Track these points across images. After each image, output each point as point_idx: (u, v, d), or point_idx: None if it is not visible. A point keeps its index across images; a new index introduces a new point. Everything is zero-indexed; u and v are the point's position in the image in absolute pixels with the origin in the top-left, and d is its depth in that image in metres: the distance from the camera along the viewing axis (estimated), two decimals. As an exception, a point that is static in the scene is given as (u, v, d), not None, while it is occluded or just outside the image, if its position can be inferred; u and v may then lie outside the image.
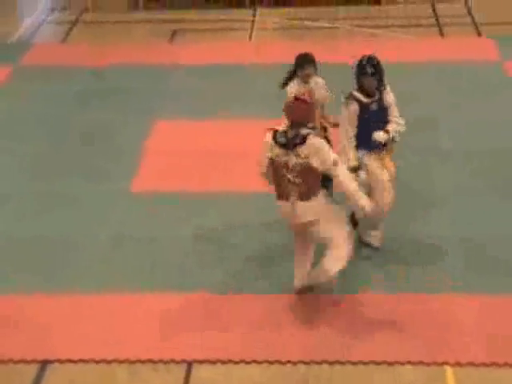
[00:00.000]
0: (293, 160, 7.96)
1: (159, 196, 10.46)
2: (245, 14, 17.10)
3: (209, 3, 17.66)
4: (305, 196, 8.06)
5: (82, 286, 8.84)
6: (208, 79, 13.82)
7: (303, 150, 7.91)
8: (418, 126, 11.06)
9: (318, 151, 7.92)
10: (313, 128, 8.27)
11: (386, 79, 9.03)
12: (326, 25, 16.30)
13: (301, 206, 8.08)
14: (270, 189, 8.30)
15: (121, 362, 7.78)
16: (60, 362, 7.80)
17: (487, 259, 9.13)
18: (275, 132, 8.07)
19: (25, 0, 18.50)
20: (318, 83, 9.51)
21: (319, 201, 8.11)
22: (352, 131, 8.99)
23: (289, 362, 7.73)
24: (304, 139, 7.92)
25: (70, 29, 16.64)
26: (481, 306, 8.39)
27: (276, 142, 8.03)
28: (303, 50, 9.66)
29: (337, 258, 8.27)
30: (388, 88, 9.07)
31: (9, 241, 9.72)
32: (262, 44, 15.42)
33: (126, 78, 13.94)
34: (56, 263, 9.27)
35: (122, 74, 14.01)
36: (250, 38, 16.00)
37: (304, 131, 7.96)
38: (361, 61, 9.05)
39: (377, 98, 9.03)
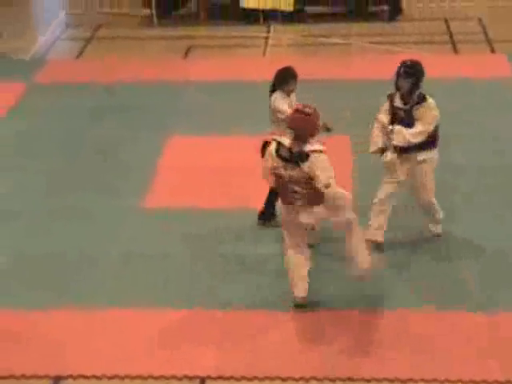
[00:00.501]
0: (297, 173, 8.07)
1: (172, 212, 10.48)
2: (259, 30, 17.13)
3: (224, 20, 17.69)
4: (311, 202, 8.21)
5: (95, 301, 8.87)
6: (221, 96, 13.85)
7: (306, 167, 8.02)
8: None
9: (317, 169, 8.00)
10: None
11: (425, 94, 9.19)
12: (340, 41, 16.32)
13: (306, 211, 8.24)
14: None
15: (133, 377, 7.80)
16: (73, 377, 7.83)
17: (502, 274, 9.14)
18: (278, 144, 8.15)
19: (40, 17, 18.67)
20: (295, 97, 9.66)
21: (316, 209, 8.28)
22: (384, 119, 9.34)
23: (301, 378, 7.72)
24: (307, 157, 8.01)
25: (85, 45, 16.71)
26: (495, 323, 8.38)
27: (278, 155, 8.11)
28: (316, 67, 9.71)
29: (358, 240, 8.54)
30: (428, 103, 9.17)
31: (21, 257, 9.75)
32: (276, 60, 15.44)
33: (139, 94, 13.98)
34: (68, 279, 9.30)
35: (136, 91, 14.06)
36: (264, 54, 16.04)
37: (307, 148, 8.02)
38: (402, 62, 9.30)
39: (408, 107, 9.17)
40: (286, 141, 8.17)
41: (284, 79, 9.61)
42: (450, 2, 18.29)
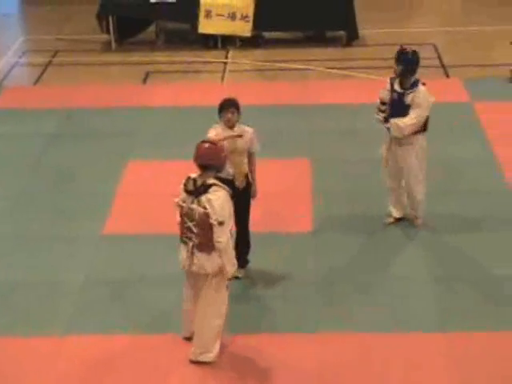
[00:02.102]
0: (196, 208, 7.93)
1: (130, 238, 10.47)
2: (217, 56, 17.18)
3: (182, 45, 17.73)
4: (203, 247, 7.99)
5: (52, 327, 8.85)
6: (180, 121, 13.87)
7: (204, 201, 7.89)
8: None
9: (212, 206, 7.86)
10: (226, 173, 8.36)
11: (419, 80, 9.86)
12: (298, 66, 16.41)
13: (201, 257, 8.02)
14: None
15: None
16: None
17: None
18: (188, 178, 8.07)
19: (-3, 42, 18.61)
20: (246, 132, 9.30)
21: (212, 257, 8.00)
22: (383, 105, 10.07)
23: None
24: (207, 189, 7.90)
25: (43, 71, 16.64)
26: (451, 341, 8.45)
27: (185, 188, 8.03)
28: (275, 92, 9.74)
29: None
30: (419, 89, 9.87)
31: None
32: (235, 86, 15.50)
33: (97, 119, 13.96)
34: (26, 305, 9.25)
35: (94, 116, 14.03)
36: (223, 79, 16.08)
37: (210, 181, 7.95)
38: (399, 48, 10.04)
39: (401, 91, 9.88)
40: (195, 174, 8.08)
41: (220, 109, 9.36)
42: (406, 28, 18.49)
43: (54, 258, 10.13)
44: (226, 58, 17.11)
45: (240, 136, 9.18)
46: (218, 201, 7.85)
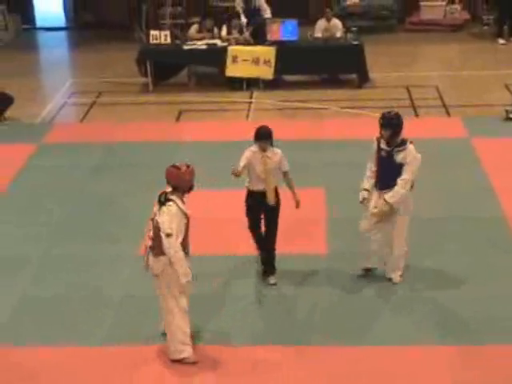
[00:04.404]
0: (156, 217, 8.12)
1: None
2: (242, 96, 17.21)
3: (211, 87, 17.78)
4: (154, 250, 8.13)
5: (94, 339, 8.83)
6: (209, 154, 13.87)
7: (160, 212, 8.06)
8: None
9: (161, 217, 8.02)
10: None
11: (407, 140, 9.28)
12: (315, 106, 16.41)
13: (151, 259, 8.18)
14: None
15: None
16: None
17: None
18: (162, 191, 8.26)
19: (49, 85, 18.74)
20: (275, 154, 9.61)
21: (161, 261, 8.09)
22: (371, 165, 9.46)
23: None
24: (165, 203, 8.06)
25: (88, 110, 16.73)
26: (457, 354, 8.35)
27: (158, 199, 8.23)
28: (294, 129, 9.75)
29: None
30: (408, 148, 9.21)
31: (28, 299, 9.71)
32: (258, 123, 15.46)
33: (135, 153, 13.99)
34: (72, 320, 9.24)
35: (133, 150, 14.08)
36: (247, 117, 16.09)
37: (171, 196, 8.13)
38: (381, 114, 9.37)
39: (390, 149, 9.22)
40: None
41: (256, 137, 9.63)
42: (411, 72, 18.49)
43: (96, 276, 10.14)
44: (251, 98, 17.14)
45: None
46: (167, 215, 7.99)
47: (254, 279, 9.97)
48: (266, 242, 9.81)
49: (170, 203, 8.08)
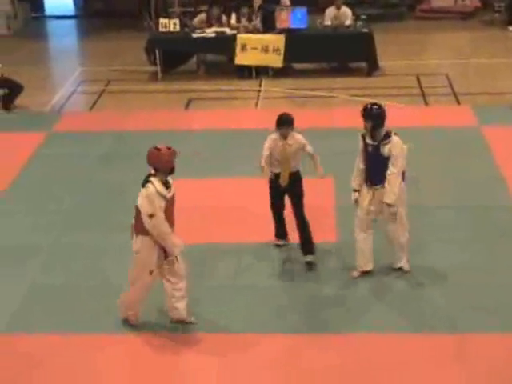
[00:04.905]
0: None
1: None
2: (252, 84, 17.20)
3: (220, 75, 17.77)
4: (134, 229, 8.36)
5: (103, 327, 8.89)
6: (218, 142, 13.88)
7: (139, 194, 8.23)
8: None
9: (140, 200, 8.19)
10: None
11: (391, 131, 9.17)
12: (324, 94, 16.38)
13: (134, 236, 8.41)
14: None
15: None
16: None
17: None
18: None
19: (58, 74, 18.76)
20: (296, 139, 9.79)
21: (140, 240, 8.29)
22: (360, 162, 9.38)
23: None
24: (144, 184, 8.23)
25: (97, 98, 16.75)
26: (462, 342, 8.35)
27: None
28: (303, 117, 9.79)
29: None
30: (393, 140, 9.10)
31: (38, 287, 9.74)
32: (267, 111, 15.50)
33: (144, 141, 13.80)
34: (81, 307, 9.28)
35: (142, 138, 14.03)
36: (257, 105, 16.08)
37: (151, 178, 8.26)
38: (363, 106, 9.28)
39: (375, 143, 9.10)
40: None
41: (277, 124, 9.79)
42: (421, 60, 18.45)
43: (106, 264, 10.16)
44: (260, 86, 17.13)
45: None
46: (145, 197, 8.18)
47: (262, 267, 9.98)
48: (297, 226, 9.94)
49: (149, 185, 8.23)
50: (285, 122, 9.73)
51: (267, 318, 8.98)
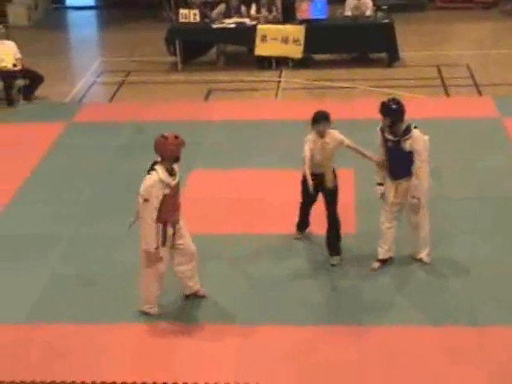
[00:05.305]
0: None
1: (193, 238, 10.43)
2: (271, 75, 17.16)
3: (240, 66, 17.75)
4: (139, 216, 8.47)
5: (122, 317, 8.91)
6: (238, 133, 13.87)
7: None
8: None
9: (142, 185, 8.32)
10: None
11: (411, 125, 9.09)
12: (344, 85, 16.33)
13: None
14: None
15: (158, 385, 7.80)
16: (103, 384, 7.84)
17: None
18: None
19: (78, 64, 18.79)
20: (333, 136, 9.53)
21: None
22: (380, 155, 9.32)
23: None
24: (149, 171, 8.36)
25: (117, 89, 16.77)
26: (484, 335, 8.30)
27: None
28: (322, 108, 9.69)
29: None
30: (414, 135, 9.02)
31: (58, 276, 9.77)
32: (287, 102, 15.48)
33: (164, 131, 13.88)
34: (99, 297, 9.30)
35: (161, 129, 13.90)
36: (276, 96, 16.05)
37: (155, 166, 8.38)
38: (381, 102, 9.13)
39: (396, 139, 9.03)
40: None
41: (313, 121, 9.49)
42: (442, 51, 18.35)
43: (126, 254, 10.15)
44: (280, 77, 17.09)
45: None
46: (147, 182, 8.26)
47: (281, 259, 9.96)
48: (328, 225, 9.80)
49: (153, 172, 8.32)
50: (320, 119, 9.41)
51: (286, 309, 8.96)
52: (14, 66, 15.78)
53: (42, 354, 8.33)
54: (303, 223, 10.34)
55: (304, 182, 9.69)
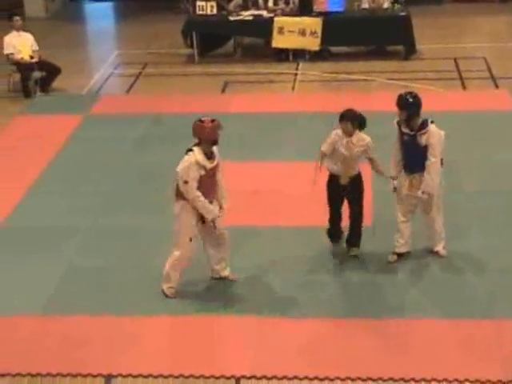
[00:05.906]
0: None
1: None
2: (288, 68, 17.14)
3: (257, 58, 17.72)
4: (175, 196, 8.74)
5: (139, 310, 8.89)
6: (255, 126, 13.85)
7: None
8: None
9: (179, 166, 8.57)
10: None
11: (427, 120, 9.03)
12: (361, 77, 16.28)
13: (174, 202, 8.77)
14: None
15: (176, 377, 7.82)
16: (122, 376, 7.87)
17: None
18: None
19: (95, 56, 18.82)
20: (362, 140, 9.34)
21: (179, 204, 8.68)
22: (397, 150, 9.30)
23: (337, 378, 7.71)
24: (187, 153, 8.59)
25: (134, 81, 16.78)
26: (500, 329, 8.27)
27: None
28: (341, 100, 9.62)
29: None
30: (430, 130, 8.96)
31: (75, 269, 9.78)
32: (304, 95, 15.44)
33: (181, 124, 13.83)
34: (116, 290, 9.31)
35: (178, 121, 14.03)
36: (293, 89, 16.02)
37: (192, 147, 8.60)
38: (398, 95, 9.07)
39: (412, 133, 8.99)
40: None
41: (340, 118, 9.33)
42: (459, 44, 18.27)
43: (142, 247, 10.17)
44: (297, 69, 17.06)
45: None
46: (185, 163, 8.51)
47: (299, 251, 9.93)
48: (350, 219, 9.74)
49: (190, 153, 8.55)
50: (344, 117, 9.22)
51: (303, 301, 8.94)
52: (31, 57, 15.82)
53: (59, 346, 8.34)
54: (334, 229, 9.98)
55: (329, 184, 9.60)
